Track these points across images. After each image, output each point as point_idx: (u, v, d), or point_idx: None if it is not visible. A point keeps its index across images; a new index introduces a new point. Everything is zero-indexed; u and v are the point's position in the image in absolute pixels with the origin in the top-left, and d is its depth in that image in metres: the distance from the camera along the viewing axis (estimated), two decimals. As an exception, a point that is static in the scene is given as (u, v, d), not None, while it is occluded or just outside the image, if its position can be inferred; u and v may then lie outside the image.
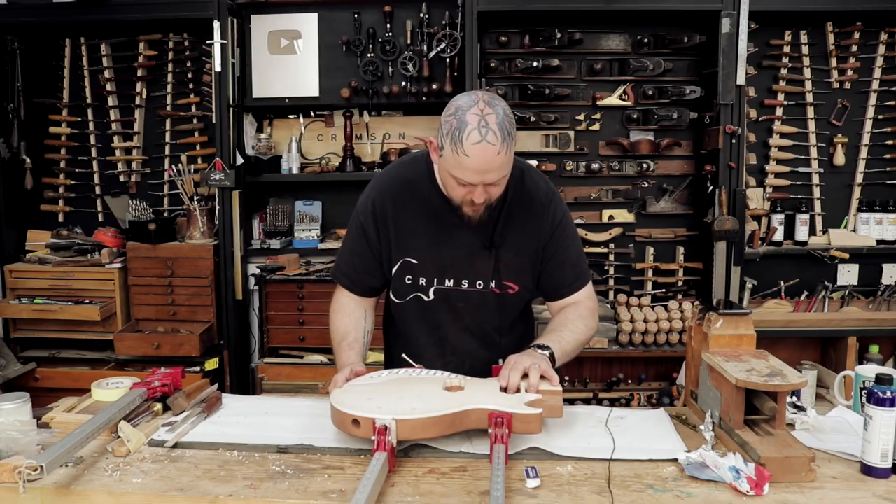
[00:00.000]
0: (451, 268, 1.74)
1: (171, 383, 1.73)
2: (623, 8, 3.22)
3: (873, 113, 3.46)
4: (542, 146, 3.49)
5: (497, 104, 1.53)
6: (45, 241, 3.58)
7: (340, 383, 1.59)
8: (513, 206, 1.73)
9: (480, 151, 1.50)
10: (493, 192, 1.60)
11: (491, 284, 1.75)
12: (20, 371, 3.33)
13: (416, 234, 1.74)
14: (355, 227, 1.81)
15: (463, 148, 1.50)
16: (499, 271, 1.74)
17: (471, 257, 1.73)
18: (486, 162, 1.51)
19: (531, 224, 1.74)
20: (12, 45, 3.52)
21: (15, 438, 1.44)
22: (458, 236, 1.72)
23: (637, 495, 1.30)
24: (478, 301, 1.76)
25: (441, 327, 1.80)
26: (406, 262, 1.75)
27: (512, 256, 1.74)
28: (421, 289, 1.77)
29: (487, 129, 1.49)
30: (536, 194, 1.75)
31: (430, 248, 1.74)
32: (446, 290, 1.76)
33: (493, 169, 1.53)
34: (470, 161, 1.51)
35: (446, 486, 1.34)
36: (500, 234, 1.72)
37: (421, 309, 1.79)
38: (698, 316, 1.71)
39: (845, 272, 3.49)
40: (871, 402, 1.37)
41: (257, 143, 3.55)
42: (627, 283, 3.54)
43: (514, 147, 1.56)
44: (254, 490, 1.32)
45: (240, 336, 3.47)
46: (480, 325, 1.80)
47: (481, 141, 1.49)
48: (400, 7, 3.43)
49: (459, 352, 1.81)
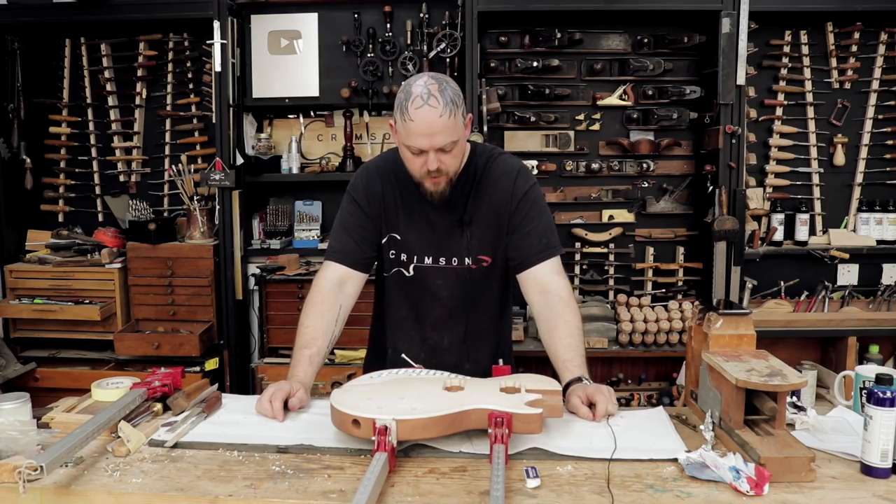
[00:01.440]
0: (429, 246, 1.82)
1: (171, 383, 1.73)
2: (623, 8, 3.22)
3: (873, 113, 3.46)
4: (542, 146, 3.49)
5: (444, 80, 1.65)
6: (45, 241, 3.58)
7: (276, 403, 1.62)
8: (482, 184, 1.82)
9: (424, 115, 1.60)
10: (446, 162, 1.67)
11: (466, 261, 1.82)
12: (20, 371, 3.33)
13: (400, 212, 1.83)
14: (348, 202, 1.87)
15: (409, 114, 1.62)
16: (471, 247, 1.81)
17: (446, 235, 1.82)
18: (430, 125, 1.61)
19: (497, 197, 1.81)
20: (12, 45, 3.52)
21: (15, 438, 1.44)
22: (434, 216, 1.81)
23: (637, 495, 1.30)
24: (454, 277, 1.84)
25: (420, 304, 1.87)
26: (392, 238, 1.85)
27: (482, 231, 1.82)
28: (402, 264, 1.85)
29: (430, 95, 1.61)
30: (504, 169, 1.83)
31: (410, 228, 1.83)
32: (425, 267, 1.84)
33: (438, 131, 1.62)
34: (415, 125, 1.62)
35: (446, 486, 1.34)
36: (469, 212, 1.81)
37: (402, 284, 1.87)
38: (698, 316, 1.70)
39: (845, 272, 3.49)
40: (871, 402, 1.37)
41: (257, 143, 3.55)
42: (627, 283, 3.54)
43: (461, 117, 1.66)
44: (254, 490, 1.32)
45: (240, 336, 3.47)
46: (457, 303, 1.86)
47: (423, 105, 1.60)
48: (400, 7, 3.43)
49: (439, 328, 1.88)
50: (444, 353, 1.90)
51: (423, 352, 1.90)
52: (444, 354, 1.89)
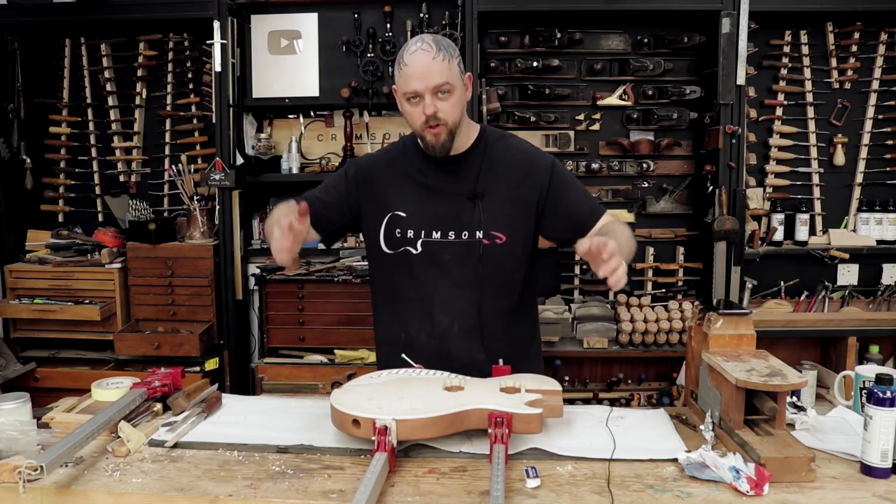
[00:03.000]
0: (437, 220, 1.79)
1: (171, 383, 1.73)
2: (623, 8, 3.22)
3: (873, 113, 3.45)
4: (542, 146, 3.49)
5: (438, 36, 1.73)
6: (45, 241, 3.58)
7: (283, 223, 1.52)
8: (495, 158, 1.81)
9: (418, 57, 1.66)
10: (444, 109, 1.68)
11: (478, 234, 1.78)
12: (20, 371, 3.33)
13: (404, 190, 1.82)
14: (337, 175, 1.91)
15: (404, 60, 1.68)
16: (484, 221, 1.78)
17: (455, 209, 1.79)
18: (423, 65, 1.65)
19: (514, 174, 1.81)
20: (12, 45, 3.52)
21: (15, 438, 1.44)
22: (443, 189, 1.80)
23: (637, 495, 1.30)
24: (464, 252, 1.79)
25: (428, 283, 1.81)
26: (395, 216, 1.81)
27: (498, 205, 1.79)
28: (409, 242, 1.81)
29: (423, 41, 1.68)
30: (519, 146, 1.86)
31: (416, 203, 1.81)
32: (433, 242, 1.79)
33: (432, 72, 1.65)
34: (410, 69, 1.67)
35: (446, 486, 1.34)
36: (482, 184, 1.79)
37: (409, 264, 1.81)
38: (698, 316, 1.71)
39: (845, 272, 3.49)
40: (871, 402, 1.37)
41: (257, 143, 3.55)
42: (627, 282, 3.53)
43: (456, 67, 1.70)
44: (254, 490, 1.32)
45: (240, 336, 3.47)
46: (468, 280, 1.79)
47: (417, 50, 1.67)
48: (400, 7, 3.43)
49: (448, 309, 1.80)
50: (454, 341, 1.81)
51: (434, 339, 1.81)
52: (455, 343, 1.80)
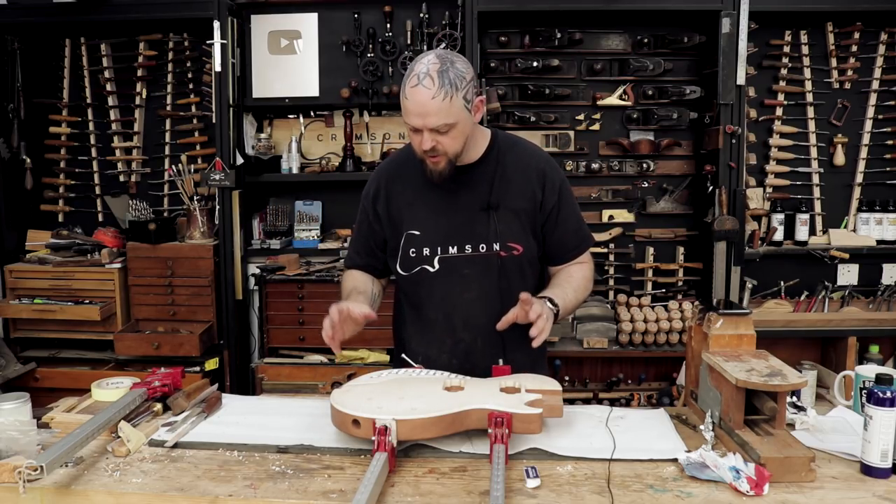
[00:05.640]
0: (453, 234, 1.76)
1: (171, 383, 1.73)
2: (623, 8, 3.22)
3: (873, 113, 3.46)
4: (542, 146, 3.49)
5: (450, 60, 1.61)
6: (45, 241, 3.58)
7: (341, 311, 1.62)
8: (508, 167, 1.78)
9: (416, 94, 1.59)
10: (444, 143, 1.65)
11: (495, 247, 1.75)
12: (20, 371, 3.33)
13: (416, 205, 1.79)
14: (361, 212, 1.89)
15: (405, 92, 1.62)
16: (500, 232, 1.75)
17: (471, 221, 1.76)
18: (421, 105, 1.59)
19: (526, 185, 1.78)
20: (12, 45, 3.52)
21: (15, 438, 1.44)
22: (456, 202, 1.76)
23: (637, 495, 1.30)
24: (483, 266, 1.76)
25: (448, 298, 1.77)
26: (409, 235, 1.78)
27: (512, 216, 1.77)
28: (426, 259, 1.77)
29: (427, 75, 1.59)
30: (532, 156, 1.82)
31: (429, 218, 1.77)
32: (451, 257, 1.76)
33: (430, 113, 1.60)
34: (409, 104, 1.62)
35: (446, 486, 1.34)
36: (496, 196, 1.76)
37: (428, 282, 1.78)
38: (698, 316, 1.71)
39: (845, 272, 3.49)
40: (871, 402, 1.37)
41: (257, 143, 3.55)
42: (627, 283, 3.54)
43: (459, 99, 1.61)
44: (254, 490, 1.32)
45: (240, 336, 3.47)
46: (488, 293, 1.76)
47: (417, 85, 1.59)
48: (400, 7, 3.43)
49: (470, 326, 1.77)
50: (477, 357, 1.77)
51: (456, 357, 1.78)
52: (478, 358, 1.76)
